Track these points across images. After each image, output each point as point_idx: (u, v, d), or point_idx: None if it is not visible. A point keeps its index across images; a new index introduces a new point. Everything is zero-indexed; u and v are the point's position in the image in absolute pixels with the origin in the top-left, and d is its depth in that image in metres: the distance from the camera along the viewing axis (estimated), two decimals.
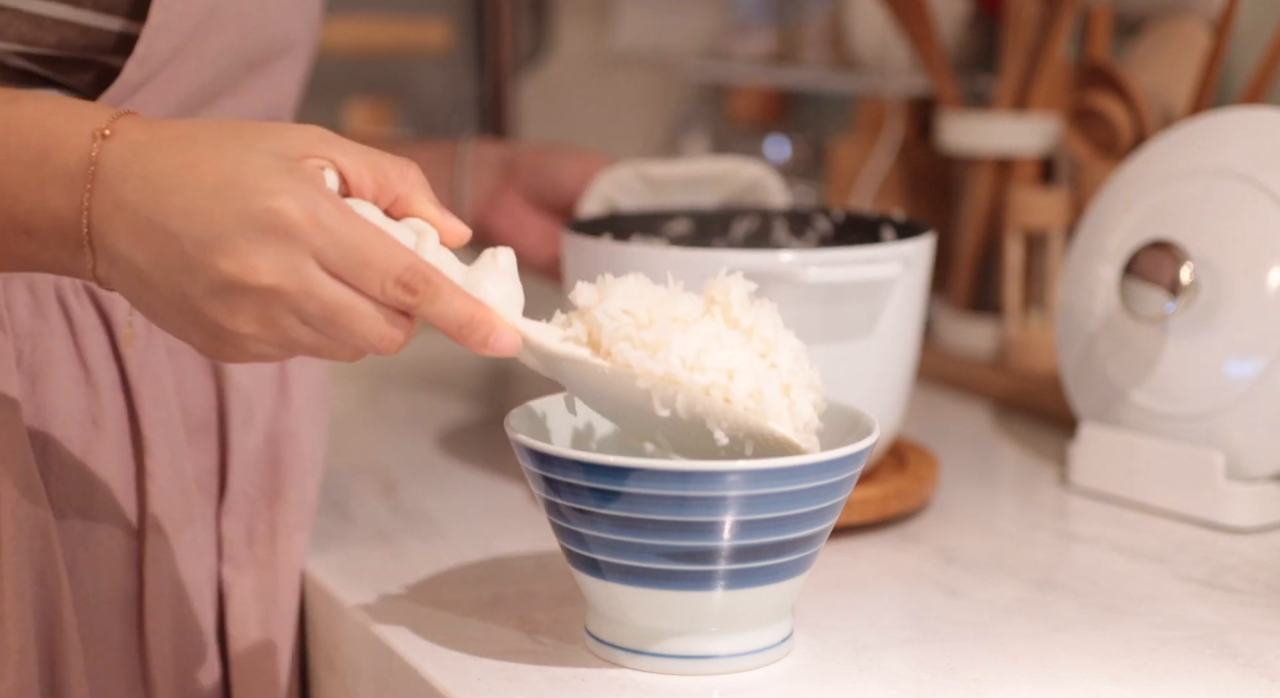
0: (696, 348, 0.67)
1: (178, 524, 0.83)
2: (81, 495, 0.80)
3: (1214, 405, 0.94)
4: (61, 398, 0.79)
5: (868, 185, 1.38)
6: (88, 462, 0.80)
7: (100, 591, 0.81)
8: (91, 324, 0.80)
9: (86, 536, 0.80)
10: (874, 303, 0.90)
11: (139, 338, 0.81)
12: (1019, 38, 1.25)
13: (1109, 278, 0.99)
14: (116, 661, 0.82)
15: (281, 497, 0.87)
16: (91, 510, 0.80)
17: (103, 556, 0.81)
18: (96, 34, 0.77)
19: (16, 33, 0.75)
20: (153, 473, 0.81)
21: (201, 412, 0.84)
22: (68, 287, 0.79)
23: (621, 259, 0.90)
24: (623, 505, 0.68)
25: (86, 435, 0.80)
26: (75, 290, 0.80)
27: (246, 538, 0.86)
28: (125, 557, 0.82)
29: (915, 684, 0.72)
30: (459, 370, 1.39)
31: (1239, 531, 0.92)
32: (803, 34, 1.63)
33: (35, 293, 0.79)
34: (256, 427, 0.87)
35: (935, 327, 1.33)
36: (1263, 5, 1.17)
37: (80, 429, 0.80)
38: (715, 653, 0.72)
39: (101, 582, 0.81)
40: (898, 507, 0.93)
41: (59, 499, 0.79)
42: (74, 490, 0.80)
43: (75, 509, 0.80)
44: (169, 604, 0.83)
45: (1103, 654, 0.75)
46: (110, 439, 0.81)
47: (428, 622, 0.79)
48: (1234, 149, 0.96)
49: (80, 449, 0.80)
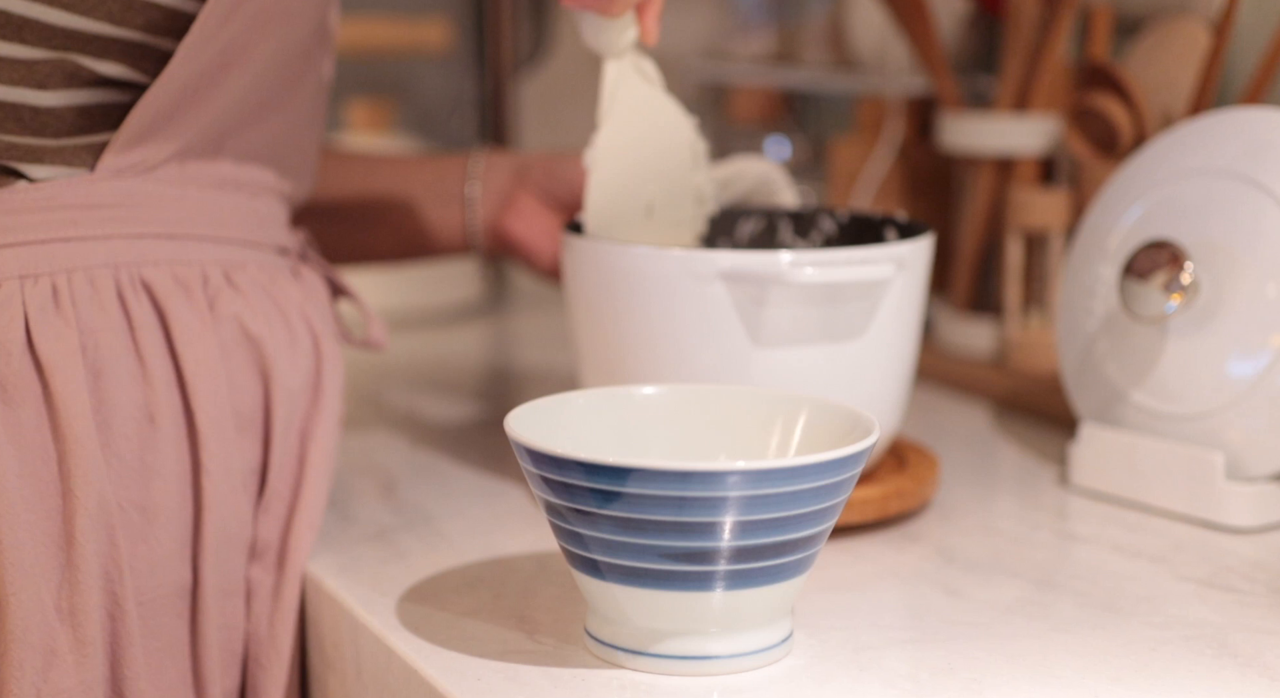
0: None
1: (227, 521, 0.84)
2: (139, 490, 0.81)
3: (1214, 405, 0.94)
4: (120, 393, 0.80)
5: (868, 185, 1.38)
6: (145, 457, 0.81)
7: (157, 586, 0.82)
8: (148, 320, 0.81)
9: (145, 530, 0.81)
10: (871, 303, 0.91)
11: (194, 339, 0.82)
12: (1019, 38, 1.25)
13: (1109, 278, 0.99)
14: (170, 658, 0.83)
15: (301, 497, 0.88)
16: (149, 506, 0.81)
17: (160, 551, 0.82)
18: (179, 18, 0.80)
19: (107, 12, 0.78)
20: (208, 469, 0.82)
21: (249, 411, 0.86)
22: (126, 282, 0.81)
23: (621, 259, 0.90)
24: (622, 506, 0.68)
25: (144, 431, 0.81)
26: (133, 286, 0.81)
27: (274, 539, 0.87)
28: (180, 552, 0.83)
29: (915, 684, 0.72)
30: (459, 371, 1.39)
31: (1239, 530, 0.92)
32: (803, 34, 1.63)
33: (96, 287, 0.80)
34: (293, 427, 0.88)
35: (935, 327, 1.33)
36: (1263, 5, 1.17)
37: (138, 425, 0.81)
38: (715, 654, 0.72)
39: (158, 577, 0.82)
40: (898, 507, 0.93)
41: (119, 494, 0.80)
42: (132, 485, 0.81)
43: (134, 504, 0.81)
44: (217, 602, 0.84)
45: (1102, 654, 0.75)
46: (167, 435, 0.81)
47: (428, 622, 0.79)
48: (1234, 149, 0.96)
49: (138, 444, 0.81)
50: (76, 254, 0.80)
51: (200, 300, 0.83)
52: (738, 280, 0.88)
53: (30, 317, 0.78)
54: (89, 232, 0.80)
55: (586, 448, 0.73)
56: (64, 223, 0.79)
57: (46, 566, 0.77)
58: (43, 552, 0.77)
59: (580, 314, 0.95)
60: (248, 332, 0.85)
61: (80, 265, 0.80)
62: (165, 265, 0.83)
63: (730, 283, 0.88)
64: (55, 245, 0.79)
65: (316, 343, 0.90)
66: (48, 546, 0.77)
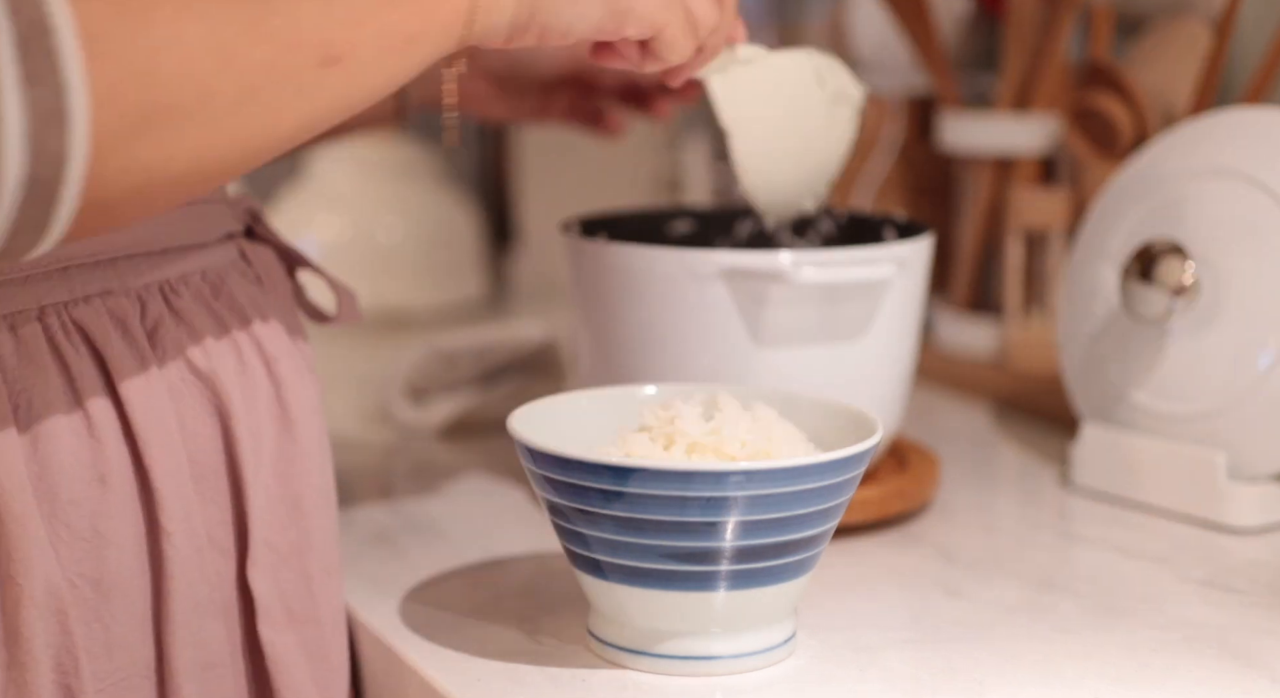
0: None
1: (195, 586, 0.74)
2: (92, 563, 0.71)
3: (1215, 405, 0.94)
4: (64, 455, 0.70)
5: (868, 185, 1.38)
6: (97, 525, 0.71)
7: (115, 669, 0.72)
8: (86, 369, 0.71)
9: (100, 609, 0.71)
10: (871, 303, 0.90)
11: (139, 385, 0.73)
12: (1020, 37, 1.25)
13: (1110, 278, 0.99)
14: None
15: (309, 543, 0.79)
16: (103, 580, 0.71)
17: (117, 630, 0.72)
18: None
19: None
20: (168, 531, 0.73)
21: (207, 457, 0.76)
22: (56, 326, 0.71)
23: (621, 259, 0.90)
24: (625, 506, 0.68)
25: (94, 494, 0.71)
26: (64, 330, 0.71)
27: (279, 593, 0.78)
28: (142, 627, 0.73)
29: (916, 684, 0.71)
30: None
31: (1240, 531, 0.92)
32: (803, 34, 1.63)
33: (21, 337, 0.70)
34: (265, 467, 0.78)
35: (935, 327, 1.33)
36: (1263, 5, 1.17)
37: (87, 487, 0.71)
38: (718, 654, 0.72)
39: (116, 660, 0.72)
40: (898, 507, 0.93)
41: (69, 569, 0.70)
42: (84, 558, 0.71)
43: (86, 579, 0.71)
44: (194, 676, 0.74)
45: (1104, 655, 0.75)
46: (120, 497, 0.72)
47: (428, 622, 0.79)
48: (1235, 149, 0.96)
49: (89, 510, 0.71)
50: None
51: (139, 338, 0.73)
52: (738, 280, 0.88)
53: None
54: (3, 275, 0.69)
55: (589, 448, 0.72)
56: None
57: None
58: None
59: (582, 313, 0.94)
60: (195, 368, 0.75)
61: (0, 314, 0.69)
62: (97, 300, 0.72)
63: (731, 282, 0.88)
64: None
65: (271, 368, 0.79)
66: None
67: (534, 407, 0.76)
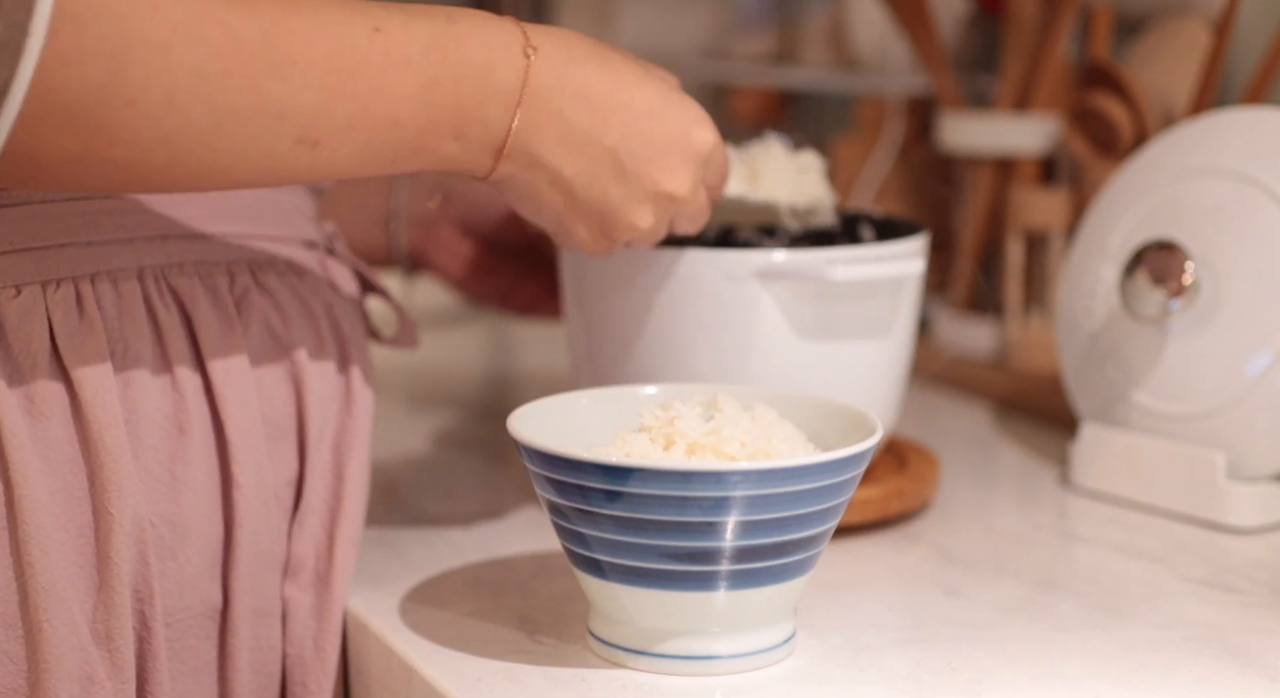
0: None
1: (260, 537, 0.79)
2: (170, 504, 0.76)
3: (1215, 405, 0.94)
4: (149, 403, 0.76)
5: (868, 185, 1.38)
6: (175, 469, 0.76)
7: (185, 607, 0.77)
8: (175, 327, 0.77)
9: (175, 548, 0.76)
10: (864, 304, 0.90)
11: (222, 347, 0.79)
12: (1020, 37, 1.25)
13: (1110, 278, 0.99)
14: (196, 684, 0.78)
15: (341, 511, 0.84)
16: (179, 521, 0.76)
17: (189, 570, 0.77)
18: None
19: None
20: (239, 482, 0.78)
21: (281, 420, 0.81)
22: (152, 286, 0.77)
23: (621, 259, 0.90)
24: (625, 506, 0.68)
25: (174, 442, 0.77)
26: (159, 291, 0.77)
27: (312, 555, 0.83)
28: (210, 571, 0.78)
29: (916, 684, 0.72)
30: (460, 370, 1.39)
31: (1240, 531, 0.92)
32: (803, 34, 1.63)
33: (121, 293, 0.76)
34: (326, 438, 0.84)
35: (935, 327, 1.33)
36: (1263, 5, 1.17)
37: (167, 436, 0.76)
38: (718, 654, 0.72)
39: (186, 598, 0.77)
40: (898, 507, 0.93)
41: (149, 509, 0.75)
42: (162, 499, 0.76)
43: (164, 519, 0.76)
44: (250, 623, 0.79)
45: (1103, 655, 0.75)
46: (197, 446, 0.77)
47: (428, 622, 0.79)
48: (1235, 149, 0.96)
49: (168, 456, 0.76)
50: (99, 258, 0.75)
51: (227, 304, 0.79)
52: (739, 280, 0.88)
53: (55, 324, 0.73)
54: (110, 235, 0.76)
55: (590, 448, 0.73)
56: (84, 227, 0.75)
57: (80, 587, 0.73)
58: (76, 573, 0.73)
59: (578, 313, 0.94)
60: (277, 338, 0.82)
61: (104, 269, 0.75)
62: (191, 267, 0.79)
63: (731, 282, 0.88)
64: (76, 249, 0.75)
65: (344, 348, 0.86)
66: (81, 566, 0.73)
67: (534, 407, 0.76)
